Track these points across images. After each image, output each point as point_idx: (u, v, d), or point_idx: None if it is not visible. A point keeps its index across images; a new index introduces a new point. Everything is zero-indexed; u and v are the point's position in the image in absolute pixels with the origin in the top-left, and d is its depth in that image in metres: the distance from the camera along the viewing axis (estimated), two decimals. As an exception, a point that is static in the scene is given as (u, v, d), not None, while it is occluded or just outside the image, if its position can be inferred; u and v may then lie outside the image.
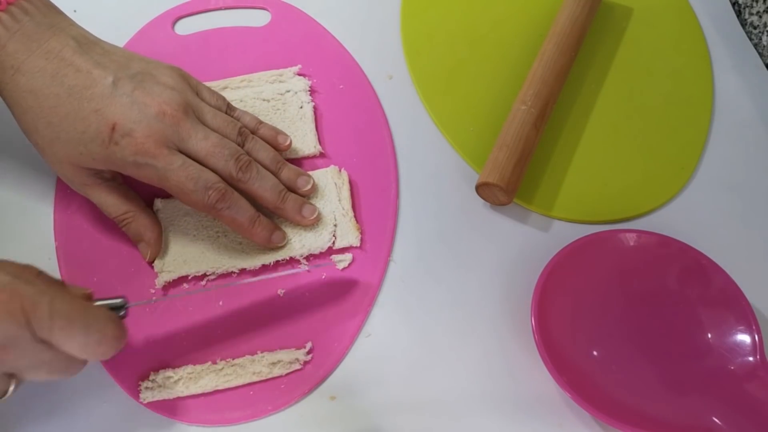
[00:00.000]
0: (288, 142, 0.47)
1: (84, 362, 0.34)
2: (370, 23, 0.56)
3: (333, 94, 0.52)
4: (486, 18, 0.56)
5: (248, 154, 0.42)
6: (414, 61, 0.54)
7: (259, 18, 0.56)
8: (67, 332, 0.31)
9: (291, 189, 0.44)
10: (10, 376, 0.32)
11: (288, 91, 0.50)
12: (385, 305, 0.43)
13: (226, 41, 0.54)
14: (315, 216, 0.44)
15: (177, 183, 0.39)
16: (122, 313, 0.36)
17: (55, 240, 0.45)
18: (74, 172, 0.41)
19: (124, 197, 0.43)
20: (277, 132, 0.47)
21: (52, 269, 0.44)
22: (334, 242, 0.44)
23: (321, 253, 0.44)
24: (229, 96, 0.49)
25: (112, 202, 0.42)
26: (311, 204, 0.45)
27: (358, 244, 0.44)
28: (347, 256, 0.44)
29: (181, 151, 0.40)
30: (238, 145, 0.42)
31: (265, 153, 0.44)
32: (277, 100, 0.50)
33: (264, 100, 0.50)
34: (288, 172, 0.45)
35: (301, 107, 0.50)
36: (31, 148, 0.42)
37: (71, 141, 0.39)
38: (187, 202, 0.41)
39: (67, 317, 0.31)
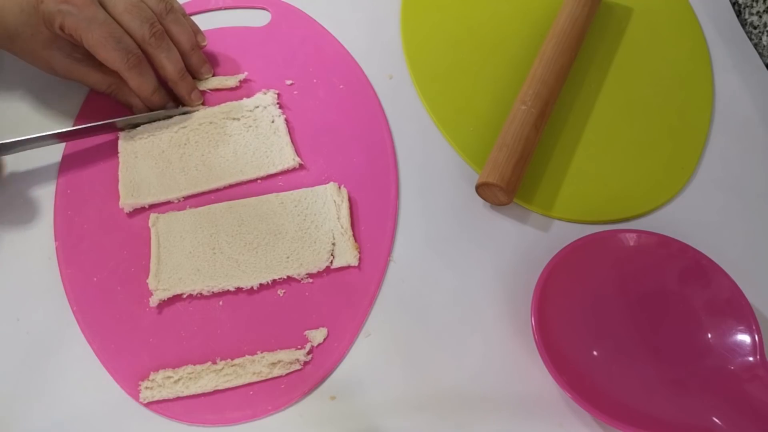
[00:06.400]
0: (205, 42, 0.51)
1: None
2: (370, 23, 0.56)
3: (333, 94, 0.52)
4: (486, 18, 0.56)
5: (165, 27, 0.48)
6: (414, 61, 0.54)
7: (259, 18, 0.56)
8: None
9: (194, 72, 0.51)
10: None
11: (257, 107, 0.50)
12: (385, 305, 0.43)
13: (226, 41, 0.54)
14: (200, 101, 0.50)
15: (100, 38, 0.44)
16: None
17: (55, 240, 0.45)
18: (50, 58, 0.46)
19: (103, 72, 0.48)
20: (198, 31, 0.51)
21: (52, 269, 0.44)
22: (332, 261, 0.44)
23: (319, 272, 0.44)
24: (198, 116, 0.49)
25: (96, 78, 0.48)
26: (199, 90, 0.51)
27: (357, 264, 0.44)
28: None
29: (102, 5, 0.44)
30: (158, 16, 0.47)
31: (184, 34, 0.49)
32: (247, 117, 0.49)
33: (234, 119, 0.49)
34: (198, 58, 0.50)
35: (273, 121, 0.49)
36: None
37: (20, 26, 0.44)
38: (105, 58, 0.45)
39: None
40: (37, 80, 0.51)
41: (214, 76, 0.52)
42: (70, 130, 0.46)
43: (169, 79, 0.48)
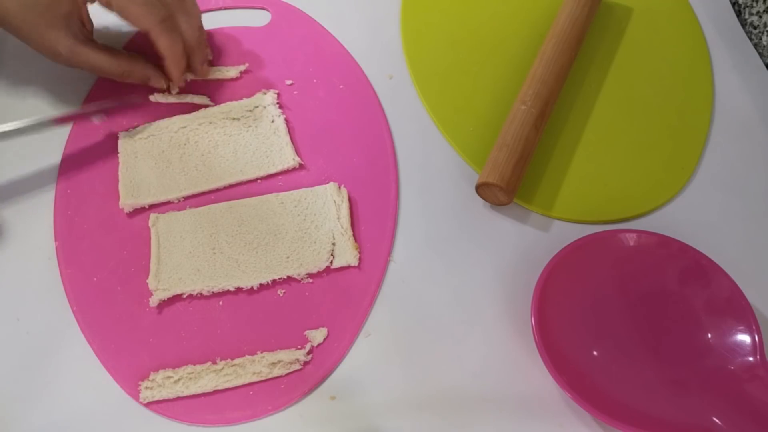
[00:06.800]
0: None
1: None
2: (370, 23, 0.56)
3: (333, 94, 0.52)
4: (486, 18, 0.56)
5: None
6: (414, 61, 0.54)
7: (259, 18, 0.56)
8: None
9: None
10: None
11: (257, 107, 0.50)
12: (385, 305, 0.43)
13: (226, 41, 0.54)
14: (209, 72, 0.51)
15: None
16: None
17: (55, 240, 0.45)
18: (56, 39, 0.44)
19: (110, 54, 0.47)
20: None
21: (52, 269, 0.44)
22: (332, 261, 0.44)
23: (319, 272, 0.44)
24: (198, 116, 0.49)
25: (104, 61, 0.46)
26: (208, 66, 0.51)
27: (357, 264, 0.44)
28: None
29: None
30: None
31: (195, 8, 0.48)
32: (247, 117, 0.49)
33: (234, 119, 0.49)
34: (204, 37, 0.50)
35: (273, 121, 0.49)
36: (30, 147, 0.42)
37: None
38: (135, 12, 0.43)
39: None
40: (42, 70, 0.51)
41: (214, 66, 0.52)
42: (64, 115, 0.46)
43: (188, 45, 0.48)
